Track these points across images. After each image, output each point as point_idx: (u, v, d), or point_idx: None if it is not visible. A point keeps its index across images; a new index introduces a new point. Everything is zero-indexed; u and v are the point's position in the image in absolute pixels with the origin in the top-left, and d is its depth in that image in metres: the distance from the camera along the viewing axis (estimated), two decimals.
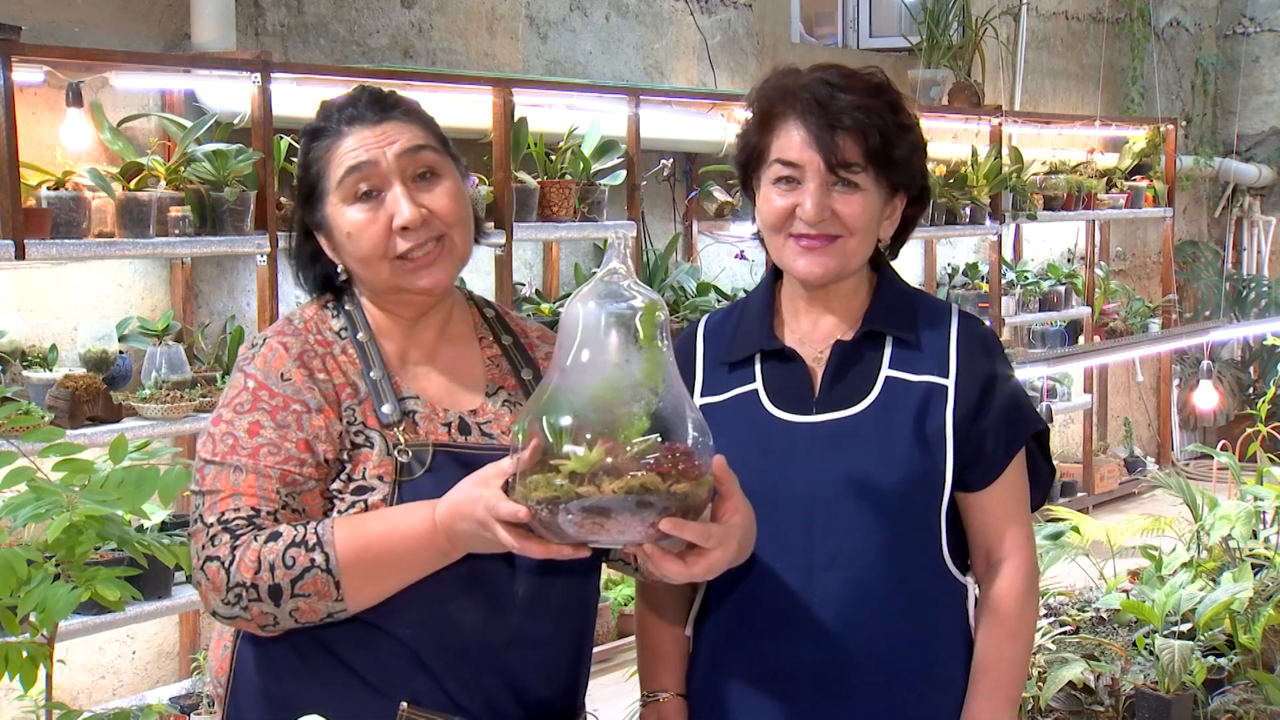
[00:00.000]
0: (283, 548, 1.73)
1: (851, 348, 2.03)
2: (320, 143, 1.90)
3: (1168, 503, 4.33)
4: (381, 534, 1.74)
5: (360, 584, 1.74)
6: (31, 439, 1.75)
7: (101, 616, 3.51)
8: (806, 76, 1.99)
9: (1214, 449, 4.72)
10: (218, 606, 1.77)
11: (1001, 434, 2.00)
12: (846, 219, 1.96)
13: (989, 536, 2.03)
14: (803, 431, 1.99)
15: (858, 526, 1.95)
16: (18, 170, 3.46)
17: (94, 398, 3.62)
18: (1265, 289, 8.92)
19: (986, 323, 2.15)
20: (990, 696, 1.99)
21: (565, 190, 4.76)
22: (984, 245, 7.06)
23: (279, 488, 1.78)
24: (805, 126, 1.94)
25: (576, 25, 5.47)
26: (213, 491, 1.79)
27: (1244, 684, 3.27)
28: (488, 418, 1.93)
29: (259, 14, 4.44)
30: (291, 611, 1.74)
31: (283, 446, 1.80)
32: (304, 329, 1.91)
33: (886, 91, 1.98)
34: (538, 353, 2.05)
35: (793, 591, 1.96)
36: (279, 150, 4.09)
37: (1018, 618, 2.01)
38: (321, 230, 1.91)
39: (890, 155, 1.96)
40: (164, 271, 4.20)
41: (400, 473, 1.83)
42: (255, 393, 1.84)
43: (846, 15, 7.33)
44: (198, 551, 1.77)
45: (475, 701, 1.85)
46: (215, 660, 1.96)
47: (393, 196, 1.85)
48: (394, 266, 1.87)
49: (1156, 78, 8.51)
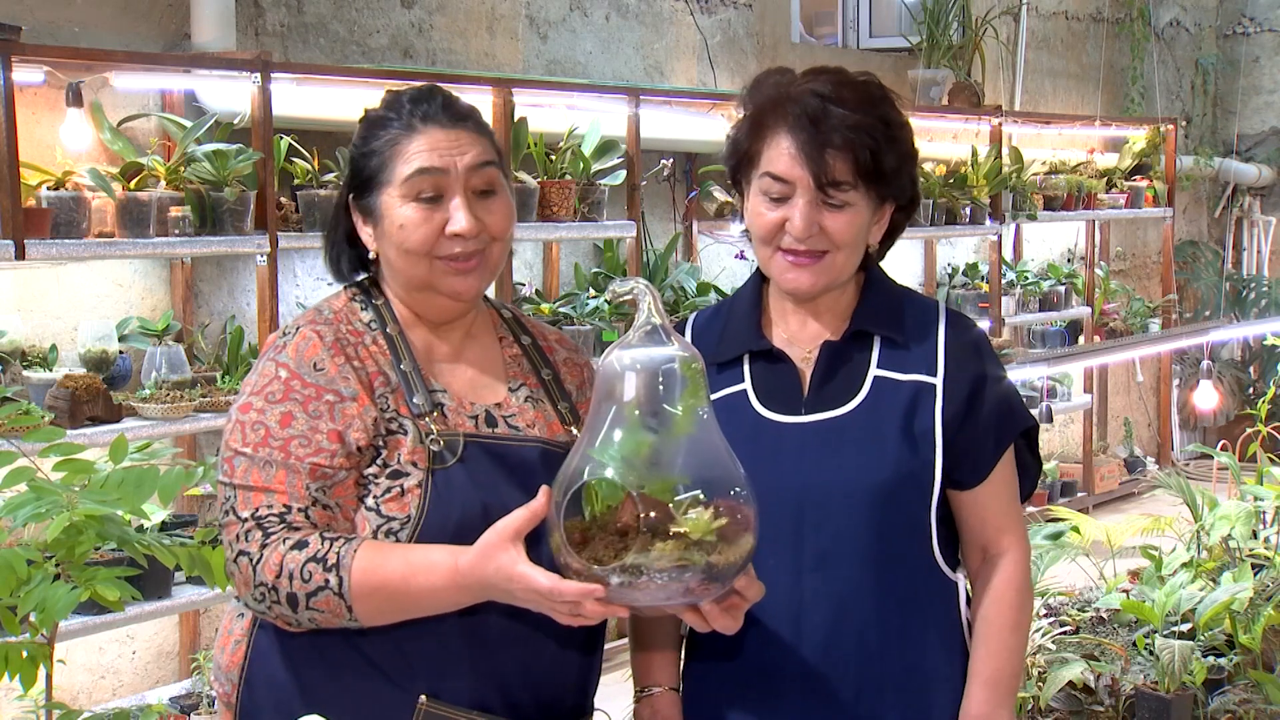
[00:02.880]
0: (304, 560, 1.75)
1: (840, 348, 2.03)
2: (386, 132, 1.92)
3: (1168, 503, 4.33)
4: (399, 577, 1.75)
5: (373, 612, 1.77)
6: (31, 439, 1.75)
7: (101, 616, 3.50)
8: (801, 85, 1.97)
9: (1214, 449, 4.71)
10: (247, 599, 1.81)
11: (991, 431, 2.01)
12: (835, 235, 1.96)
13: (984, 533, 2.03)
14: (792, 432, 2.00)
15: (847, 526, 1.96)
16: (18, 170, 3.46)
17: (94, 398, 3.62)
18: (1265, 289, 8.91)
19: (976, 321, 2.16)
20: (992, 687, 1.99)
21: (565, 190, 4.76)
22: (984, 245, 7.06)
23: (309, 483, 1.81)
24: (796, 142, 1.93)
25: (576, 25, 5.47)
26: (245, 486, 1.82)
27: (1244, 684, 3.27)
28: (512, 411, 1.97)
29: (259, 14, 4.44)
30: (309, 619, 1.78)
31: (314, 439, 1.82)
32: (335, 319, 1.94)
33: (880, 104, 1.97)
34: (556, 356, 2.09)
35: (783, 591, 1.96)
36: (279, 150, 4.09)
37: (1018, 609, 2.02)
38: (369, 216, 1.94)
39: (881, 170, 1.95)
40: (164, 271, 4.20)
41: (432, 461, 1.86)
42: (288, 383, 1.85)
43: (846, 15, 7.33)
44: (231, 543, 1.81)
45: (493, 697, 1.87)
46: (225, 656, 1.95)
47: (454, 205, 1.90)
48: (435, 265, 1.91)
49: (1156, 78, 8.51)
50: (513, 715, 1.87)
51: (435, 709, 1.83)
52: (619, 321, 4.94)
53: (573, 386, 2.07)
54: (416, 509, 1.83)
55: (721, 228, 5.79)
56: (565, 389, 2.06)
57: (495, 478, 1.89)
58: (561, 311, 4.89)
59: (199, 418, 3.80)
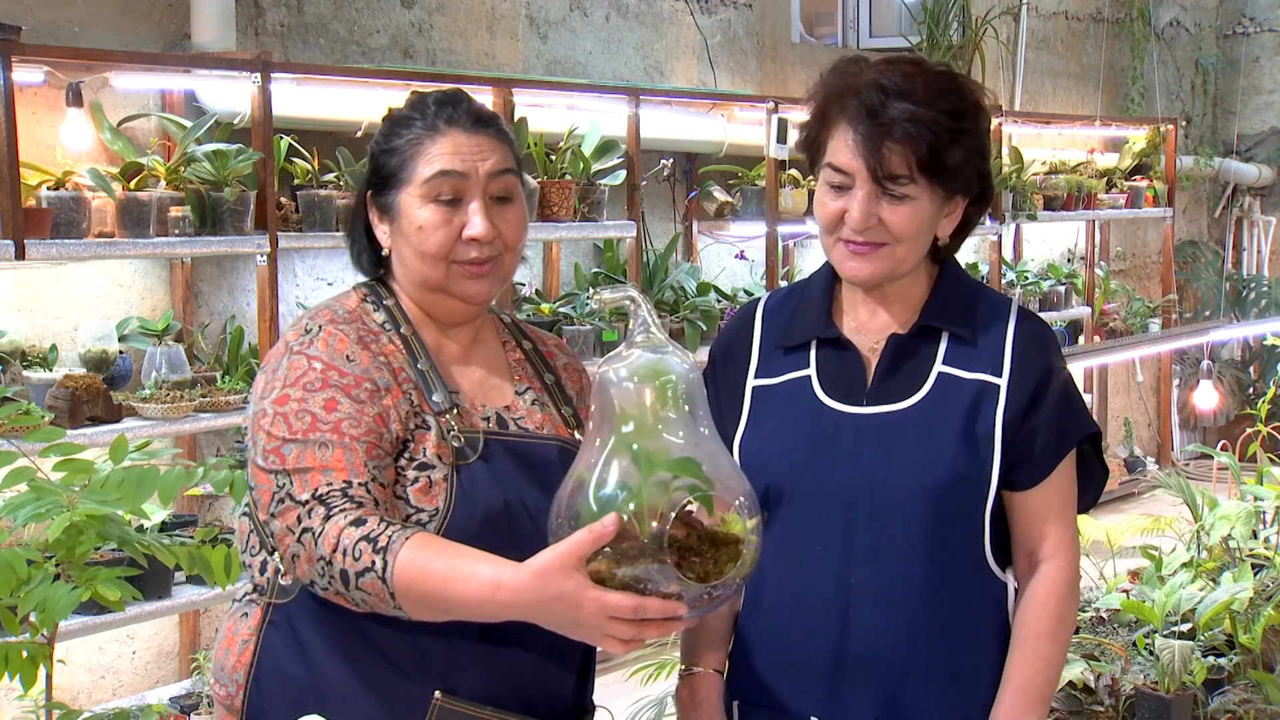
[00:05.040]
0: (358, 537, 1.73)
1: (906, 341, 2.01)
2: (409, 131, 1.93)
3: (1168, 503, 4.33)
4: (438, 580, 1.72)
5: (413, 606, 1.75)
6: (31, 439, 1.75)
7: (101, 616, 3.50)
8: (865, 75, 1.94)
9: (1214, 449, 4.71)
10: (313, 576, 1.77)
11: (1051, 436, 1.98)
12: (894, 228, 1.94)
13: (1033, 536, 2.01)
14: (851, 422, 1.99)
15: (898, 522, 1.95)
16: (18, 170, 3.46)
17: (94, 398, 3.62)
18: (1265, 289, 8.91)
19: (1046, 320, 2.13)
20: (1024, 692, 1.98)
21: (565, 190, 4.76)
22: (984, 245, 7.05)
23: (365, 460, 1.80)
24: (855, 133, 1.92)
25: (576, 25, 5.47)
26: (301, 470, 1.80)
27: (1244, 684, 3.27)
28: (520, 414, 1.99)
29: (259, 14, 4.44)
30: (361, 599, 1.75)
31: (362, 419, 1.82)
32: (351, 318, 1.94)
33: (949, 96, 1.93)
34: (557, 361, 2.11)
35: (831, 581, 1.96)
36: (279, 150, 4.09)
37: (1057, 618, 2.00)
38: (386, 213, 1.95)
39: (942, 164, 1.92)
40: (164, 271, 4.20)
41: (456, 457, 1.87)
42: (324, 373, 1.85)
43: (846, 15, 7.33)
44: (291, 529, 1.78)
45: (507, 692, 1.87)
46: (230, 657, 1.95)
47: (472, 209, 1.91)
48: (450, 269, 1.92)
49: (1156, 78, 8.51)
50: (525, 711, 1.88)
51: (450, 705, 1.83)
52: (619, 321, 4.94)
53: (573, 392, 2.09)
54: (444, 503, 1.84)
55: (721, 228, 5.79)
56: (567, 394, 2.07)
57: (516, 475, 1.90)
58: (561, 311, 4.89)
59: (199, 418, 3.81)
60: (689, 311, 5.15)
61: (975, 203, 2.04)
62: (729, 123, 5.64)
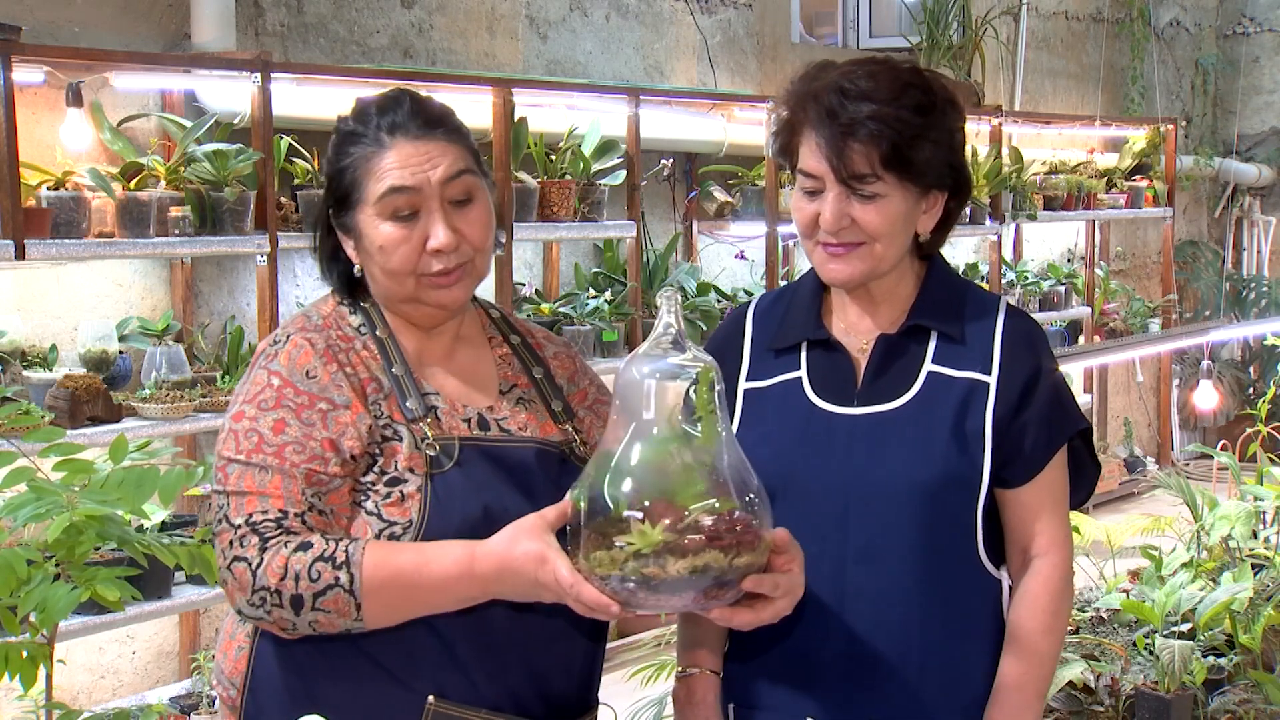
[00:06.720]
0: (310, 560, 1.74)
1: (895, 341, 2.02)
2: (357, 148, 1.89)
3: (1168, 503, 4.33)
4: (413, 567, 1.75)
5: (381, 609, 1.75)
6: (31, 439, 1.75)
7: (101, 616, 3.50)
8: (825, 80, 1.95)
9: (1214, 449, 4.71)
10: (242, 606, 1.78)
11: (1042, 432, 1.99)
12: (867, 226, 1.94)
13: (1026, 533, 2.02)
14: (842, 423, 2.00)
15: (891, 522, 1.96)
16: (18, 170, 3.46)
17: (94, 398, 3.62)
18: (1265, 289, 8.91)
19: (1034, 318, 2.13)
20: (1019, 689, 1.99)
21: (565, 190, 4.76)
22: (984, 245, 7.05)
23: (304, 488, 1.79)
24: (820, 136, 1.93)
25: (576, 25, 5.47)
26: (239, 492, 1.80)
27: (1244, 684, 3.27)
28: (504, 414, 1.96)
29: (259, 14, 4.44)
30: (310, 622, 1.75)
31: (308, 445, 1.81)
32: (324, 324, 1.92)
33: (911, 92, 1.94)
34: (546, 352, 2.08)
35: (826, 581, 1.96)
36: (279, 150, 4.09)
37: (1052, 614, 2.01)
38: (350, 235, 1.92)
39: (908, 160, 1.92)
40: (164, 271, 4.20)
41: (430, 466, 1.85)
42: (280, 390, 1.84)
43: (846, 15, 7.33)
44: (224, 551, 1.78)
45: (501, 695, 1.86)
46: (228, 661, 1.95)
47: (430, 219, 1.87)
48: (419, 281, 1.89)
49: (1156, 78, 8.51)
50: (521, 713, 1.87)
51: (444, 709, 1.83)
52: (619, 321, 4.94)
53: (564, 380, 2.07)
54: (418, 514, 1.82)
55: (721, 228, 5.80)
56: (557, 384, 2.05)
57: (493, 480, 1.88)
58: (561, 311, 4.89)
59: (199, 418, 3.81)
60: (689, 312, 5.15)
61: (954, 196, 2.04)
62: (729, 123, 5.64)
